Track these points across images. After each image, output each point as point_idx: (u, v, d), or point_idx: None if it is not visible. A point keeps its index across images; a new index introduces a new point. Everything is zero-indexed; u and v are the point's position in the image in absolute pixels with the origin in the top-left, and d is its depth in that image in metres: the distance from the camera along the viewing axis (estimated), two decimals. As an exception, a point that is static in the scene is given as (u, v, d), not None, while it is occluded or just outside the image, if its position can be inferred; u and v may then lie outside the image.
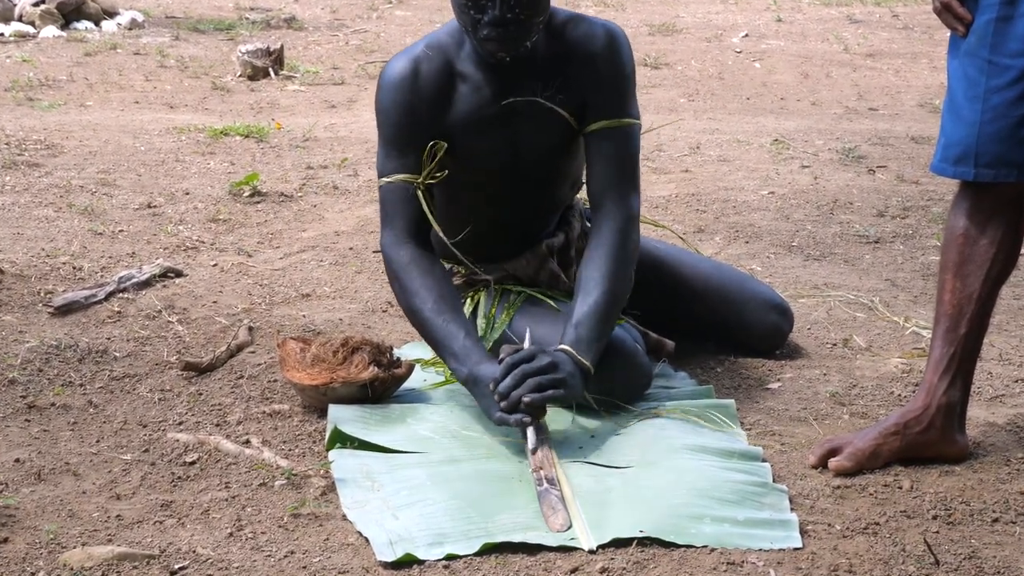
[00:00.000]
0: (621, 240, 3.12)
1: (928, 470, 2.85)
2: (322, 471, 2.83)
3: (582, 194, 3.50)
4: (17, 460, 2.92)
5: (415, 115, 3.16)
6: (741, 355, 3.54)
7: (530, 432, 2.85)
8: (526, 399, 2.85)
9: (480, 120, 3.19)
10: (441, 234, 3.19)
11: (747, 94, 8.03)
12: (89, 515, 2.65)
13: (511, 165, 3.24)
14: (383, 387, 3.16)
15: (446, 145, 3.16)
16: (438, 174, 3.17)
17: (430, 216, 3.15)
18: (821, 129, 6.80)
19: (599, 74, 3.17)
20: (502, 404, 2.89)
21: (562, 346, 2.98)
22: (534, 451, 2.81)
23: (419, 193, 3.15)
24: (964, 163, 2.79)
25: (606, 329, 3.03)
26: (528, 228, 3.39)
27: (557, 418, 3.04)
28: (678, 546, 2.49)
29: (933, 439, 2.87)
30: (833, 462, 2.84)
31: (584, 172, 3.30)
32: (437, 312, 3.07)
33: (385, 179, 3.18)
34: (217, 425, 3.11)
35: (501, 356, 2.96)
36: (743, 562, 2.44)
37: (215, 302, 4.00)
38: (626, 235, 3.13)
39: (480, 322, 3.30)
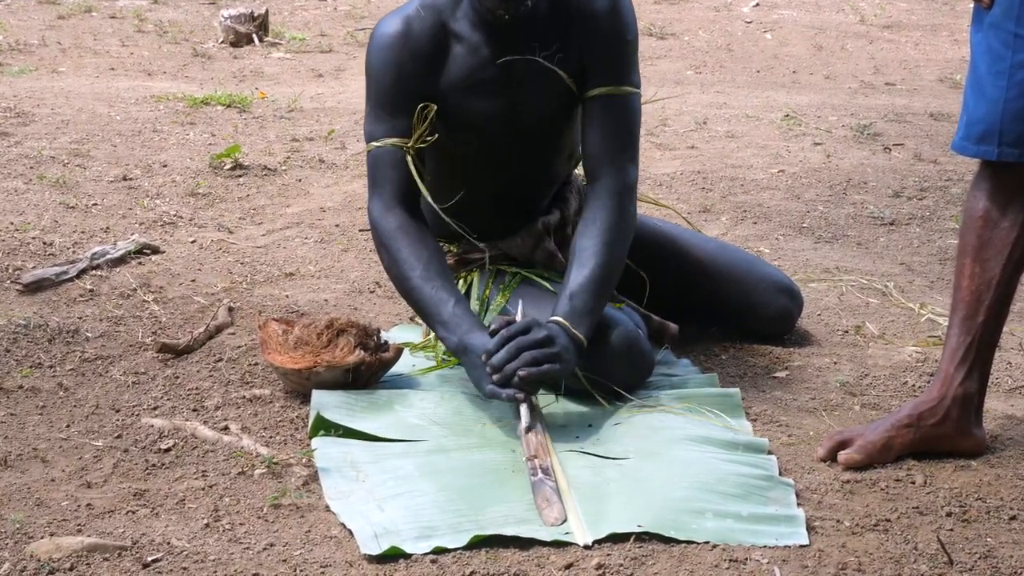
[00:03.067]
0: (616, 210, 3.12)
1: (943, 464, 2.85)
2: (304, 460, 2.83)
3: (580, 170, 3.50)
4: (-18, 445, 2.92)
5: (406, 76, 3.16)
6: (747, 341, 3.55)
7: (523, 409, 2.86)
8: (521, 373, 2.87)
9: (475, 82, 3.18)
10: (430, 198, 3.18)
11: (757, 67, 8.02)
12: (58, 504, 2.65)
13: (507, 131, 3.24)
14: (369, 372, 3.17)
15: (436, 107, 3.16)
16: (429, 138, 3.17)
17: (419, 182, 3.15)
18: (835, 104, 6.79)
19: (600, 38, 3.16)
20: (495, 377, 2.90)
21: (555, 318, 2.98)
22: (527, 430, 2.81)
23: (409, 158, 3.15)
24: (987, 141, 2.79)
25: (600, 302, 3.04)
26: (523, 202, 3.38)
27: (552, 405, 3.04)
28: (678, 542, 2.50)
29: (948, 432, 2.87)
30: (843, 455, 2.84)
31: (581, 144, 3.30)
32: (425, 279, 3.08)
33: (374, 143, 3.18)
34: (194, 410, 3.11)
35: (493, 327, 2.96)
36: (747, 559, 2.45)
37: (193, 281, 4.00)
38: (622, 205, 3.14)
39: (474, 304, 3.30)
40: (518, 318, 3.07)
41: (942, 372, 2.88)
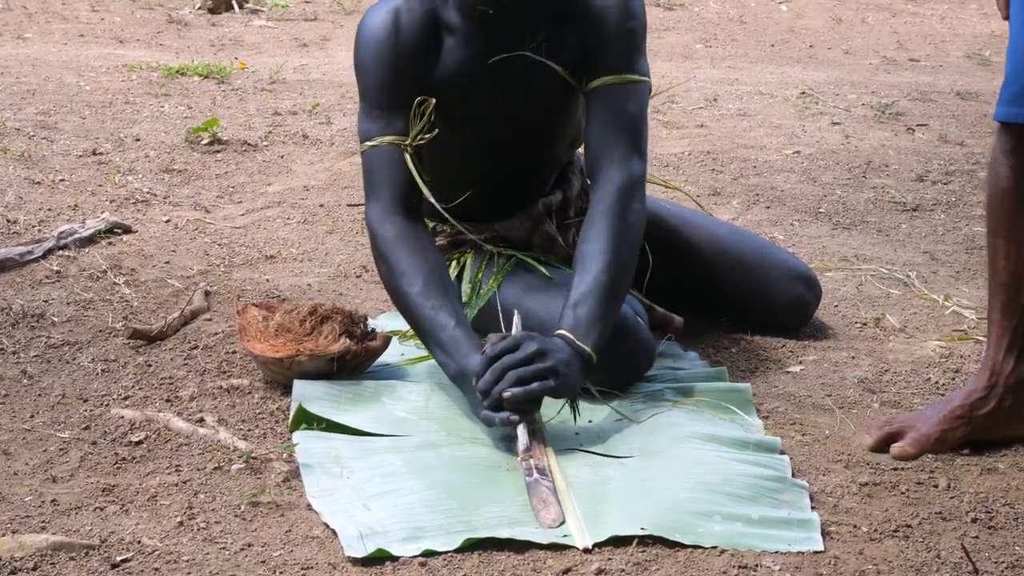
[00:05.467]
0: (622, 208, 3.10)
1: (967, 468, 2.85)
2: (285, 455, 2.83)
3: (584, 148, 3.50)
4: (-60, 436, 2.92)
5: (398, 71, 3.15)
6: (759, 333, 3.54)
7: (520, 431, 2.82)
8: (506, 394, 2.83)
9: (469, 75, 3.17)
10: (434, 202, 3.18)
11: (771, 40, 8.03)
12: (21, 499, 2.65)
13: (503, 123, 3.24)
14: (355, 361, 3.16)
15: (435, 101, 3.15)
16: (427, 135, 3.16)
17: (420, 183, 3.14)
18: (854, 81, 6.79)
19: (604, 24, 3.14)
20: (486, 402, 2.88)
21: (559, 331, 2.96)
22: (524, 454, 2.78)
23: (407, 157, 3.14)
24: (1018, 103, 2.77)
25: (610, 309, 3.01)
26: (522, 189, 3.38)
27: (549, 403, 3.03)
28: (684, 546, 2.49)
29: (999, 422, 2.90)
30: (896, 448, 2.87)
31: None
32: (425, 296, 3.05)
33: (369, 143, 3.17)
34: (167, 401, 3.11)
35: (485, 347, 2.94)
36: (757, 565, 2.45)
37: (167, 262, 3.99)
38: (627, 203, 3.11)
39: (465, 287, 3.30)
40: (515, 331, 3.05)
41: (990, 361, 2.89)
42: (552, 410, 2.99)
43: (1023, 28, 2.75)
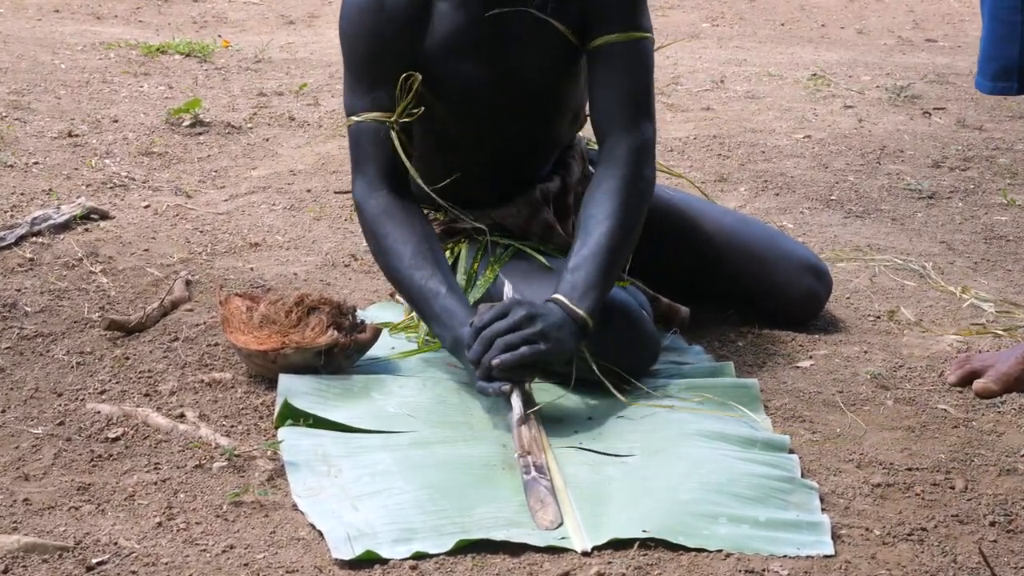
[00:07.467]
0: (631, 173, 3.11)
1: (985, 468, 2.85)
2: (269, 452, 2.83)
3: (584, 132, 3.50)
4: (-92, 431, 2.91)
5: (385, 41, 3.15)
6: (767, 326, 3.55)
7: (515, 400, 2.86)
8: (495, 361, 2.88)
9: (464, 42, 3.17)
10: (420, 181, 3.18)
11: (781, 19, 8.02)
12: (-8, 498, 2.65)
13: (501, 94, 3.23)
14: (343, 354, 3.16)
15: (421, 77, 3.15)
16: (415, 111, 3.16)
17: (405, 160, 3.15)
18: (868, 62, 6.79)
19: None
20: (477, 373, 2.91)
21: (553, 296, 2.98)
22: (520, 422, 2.81)
23: (393, 134, 3.15)
24: (1006, 78, 2.84)
25: (610, 275, 3.03)
26: (520, 170, 3.38)
27: (548, 395, 3.04)
28: (688, 549, 2.49)
29: None
30: (979, 384, 3.03)
31: (586, 104, 3.29)
32: (415, 268, 3.08)
33: (354, 118, 3.19)
34: (146, 395, 3.11)
35: (472, 319, 2.97)
36: (764, 570, 2.45)
37: (147, 250, 3.99)
38: (638, 168, 3.12)
39: (460, 279, 3.29)
40: (506, 299, 3.06)
41: None
42: (550, 396, 3.00)
43: None
